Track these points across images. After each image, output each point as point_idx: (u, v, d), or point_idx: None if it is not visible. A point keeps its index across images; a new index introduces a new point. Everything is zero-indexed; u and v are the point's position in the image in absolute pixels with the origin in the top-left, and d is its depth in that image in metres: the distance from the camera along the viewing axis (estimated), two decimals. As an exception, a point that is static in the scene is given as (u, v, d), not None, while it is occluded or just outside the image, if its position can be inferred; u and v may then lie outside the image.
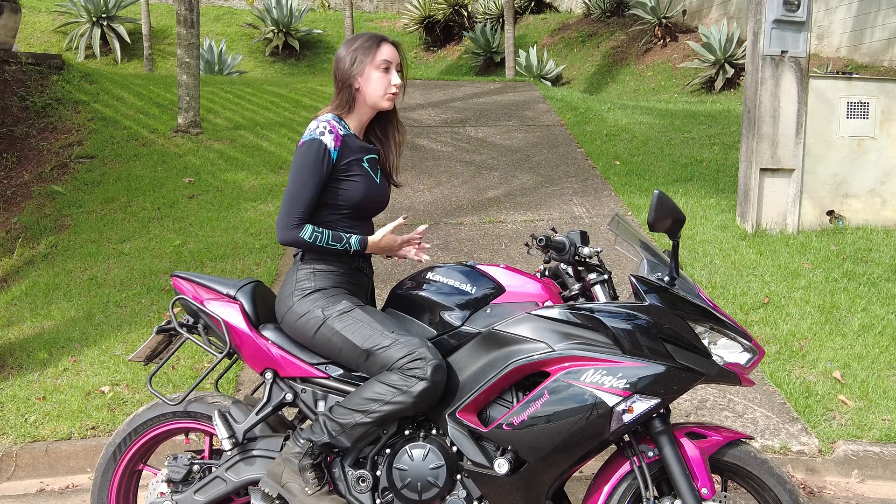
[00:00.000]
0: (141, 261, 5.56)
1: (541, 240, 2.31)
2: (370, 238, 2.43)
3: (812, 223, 5.97)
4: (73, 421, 3.86)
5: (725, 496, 2.24)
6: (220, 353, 2.47)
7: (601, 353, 2.15)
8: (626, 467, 2.26)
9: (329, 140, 2.36)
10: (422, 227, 2.60)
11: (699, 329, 2.21)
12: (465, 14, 17.64)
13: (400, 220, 2.47)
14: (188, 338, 2.54)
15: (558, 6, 18.85)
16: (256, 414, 2.44)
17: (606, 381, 2.11)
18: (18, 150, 7.37)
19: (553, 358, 2.16)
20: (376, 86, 2.46)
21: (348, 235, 2.38)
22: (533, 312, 2.23)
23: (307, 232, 2.33)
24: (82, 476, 3.68)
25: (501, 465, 2.15)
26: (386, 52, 2.47)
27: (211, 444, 2.58)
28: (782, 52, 5.72)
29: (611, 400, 2.10)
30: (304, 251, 2.42)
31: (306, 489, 2.27)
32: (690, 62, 12.60)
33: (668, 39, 14.05)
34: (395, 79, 2.47)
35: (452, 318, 2.32)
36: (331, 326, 2.30)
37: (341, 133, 2.41)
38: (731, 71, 11.76)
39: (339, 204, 2.41)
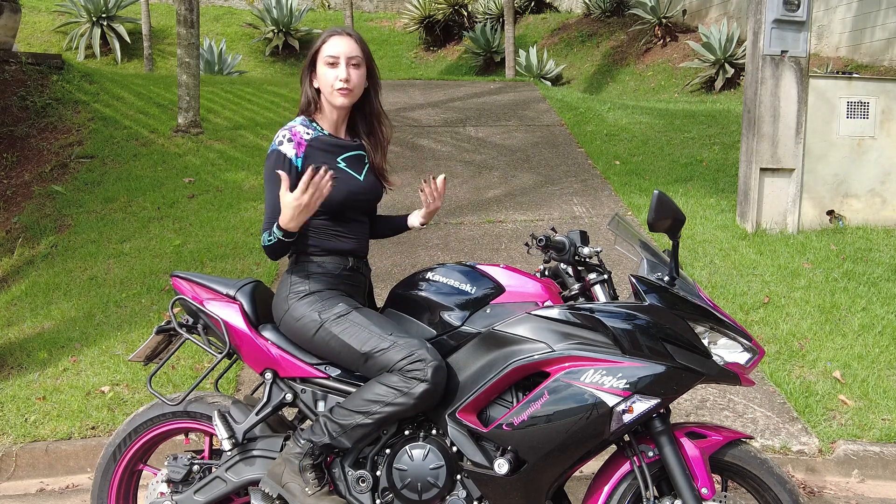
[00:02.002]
0: (141, 261, 5.56)
1: (541, 240, 2.30)
2: (280, 218, 2.17)
3: (812, 223, 5.96)
4: (73, 421, 3.86)
5: (725, 496, 2.24)
6: (220, 353, 2.47)
7: (601, 353, 2.15)
8: (626, 467, 2.25)
9: (289, 149, 2.32)
10: (327, 172, 2.18)
11: (699, 329, 2.21)
12: (465, 14, 17.63)
13: (308, 175, 2.13)
14: (188, 338, 2.53)
15: (558, 6, 18.84)
16: (256, 414, 2.43)
17: (606, 381, 2.11)
18: (18, 150, 7.37)
19: (553, 358, 2.16)
20: (324, 82, 2.39)
21: (270, 229, 2.22)
22: (533, 312, 2.23)
23: (264, 238, 2.26)
24: (82, 476, 3.68)
25: (501, 466, 2.15)
26: (331, 46, 2.38)
27: (211, 444, 2.58)
28: (782, 51, 5.72)
29: (611, 400, 2.10)
30: (296, 254, 2.41)
31: (306, 489, 2.27)
32: (690, 62, 12.59)
33: (668, 39, 14.04)
34: (341, 72, 2.36)
35: (452, 318, 2.32)
36: (328, 330, 2.29)
37: (306, 138, 2.36)
38: (731, 71, 11.76)
39: (318, 210, 2.28)
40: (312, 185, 2.12)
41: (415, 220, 2.64)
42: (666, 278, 2.24)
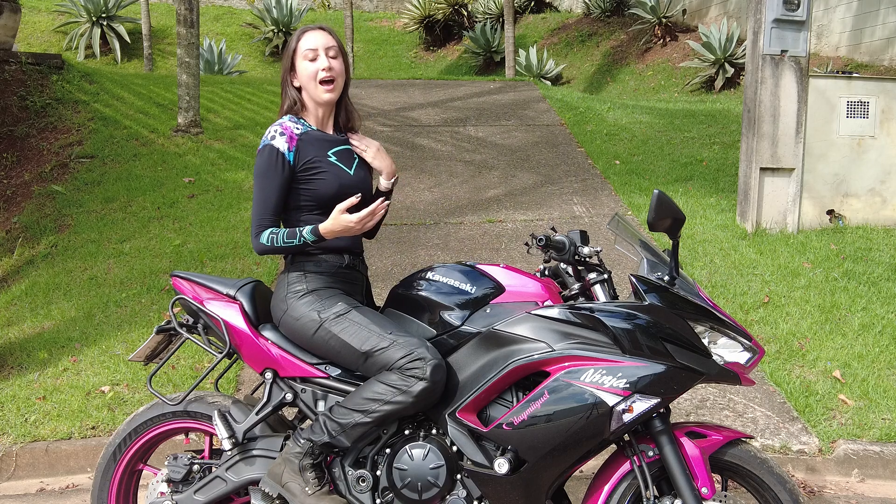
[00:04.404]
0: (141, 261, 5.56)
1: (541, 239, 2.31)
2: (321, 225, 2.29)
3: (812, 222, 5.96)
4: (73, 421, 3.86)
5: (725, 496, 2.24)
6: (220, 353, 2.47)
7: (601, 352, 2.15)
8: (626, 467, 2.25)
9: (281, 143, 2.33)
10: (383, 202, 2.36)
11: (699, 328, 2.21)
12: (465, 13, 17.63)
13: (353, 200, 2.29)
14: (188, 338, 2.53)
15: (558, 6, 18.84)
16: (256, 414, 2.44)
17: (606, 380, 2.11)
18: (18, 150, 7.37)
19: (553, 357, 2.16)
20: (307, 77, 2.40)
21: (301, 228, 2.31)
22: (533, 312, 2.23)
23: (264, 237, 2.31)
24: (82, 476, 3.68)
25: (501, 465, 2.15)
26: (308, 40, 2.40)
27: (211, 444, 2.58)
28: (782, 51, 5.72)
29: (611, 399, 2.10)
30: (292, 253, 2.41)
31: (306, 489, 2.27)
32: (690, 61, 12.59)
33: (668, 39, 14.04)
34: (322, 62, 2.38)
35: (452, 317, 2.32)
36: (328, 329, 2.30)
37: (297, 132, 2.38)
38: (731, 70, 11.76)
39: (310, 205, 2.38)
40: (371, 214, 2.27)
41: (383, 183, 2.56)
42: (666, 278, 2.24)
